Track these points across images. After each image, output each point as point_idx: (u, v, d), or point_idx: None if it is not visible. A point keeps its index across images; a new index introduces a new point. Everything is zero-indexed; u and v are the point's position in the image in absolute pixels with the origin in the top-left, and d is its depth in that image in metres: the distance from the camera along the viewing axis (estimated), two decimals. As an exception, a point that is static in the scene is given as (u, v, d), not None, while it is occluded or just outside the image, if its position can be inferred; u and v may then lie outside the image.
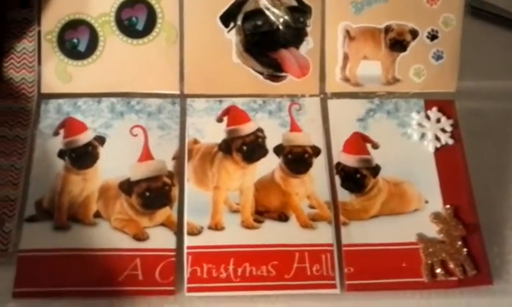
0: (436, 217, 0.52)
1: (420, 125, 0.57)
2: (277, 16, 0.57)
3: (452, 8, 0.58)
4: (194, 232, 0.50)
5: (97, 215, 0.51)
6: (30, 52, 0.56)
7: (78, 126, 0.54)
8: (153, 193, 0.52)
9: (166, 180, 0.52)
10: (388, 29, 0.58)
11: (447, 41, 0.58)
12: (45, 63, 0.57)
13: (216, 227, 0.51)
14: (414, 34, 0.58)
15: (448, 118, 0.57)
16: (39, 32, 0.57)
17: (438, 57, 0.59)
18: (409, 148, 0.56)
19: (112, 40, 0.57)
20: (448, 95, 0.59)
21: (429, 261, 0.50)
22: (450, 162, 0.55)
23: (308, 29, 0.58)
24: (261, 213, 0.52)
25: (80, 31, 0.57)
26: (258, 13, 0.57)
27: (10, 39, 0.56)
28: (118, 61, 0.57)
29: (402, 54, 0.58)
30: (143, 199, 0.51)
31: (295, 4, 0.58)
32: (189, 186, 0.53)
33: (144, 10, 0.57)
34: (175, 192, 0.52)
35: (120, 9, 0.57)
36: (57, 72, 0.57)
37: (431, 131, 0.56)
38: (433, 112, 0.58)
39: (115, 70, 0.57)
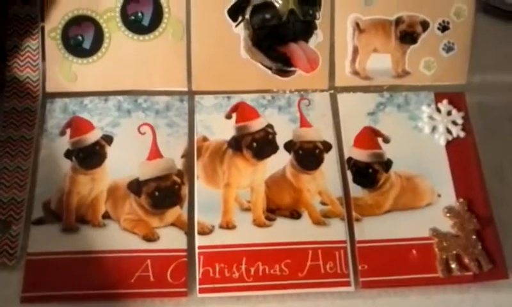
0: (450, 211, 0.47)
1: (431, 117, 0.52)
2: (286, 9, 0.52)
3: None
4: (205, 231, 0.46)
5: (106, 216, 0.46)
6: (34, 50, 0.51)
7: (85, 126, 0.49)
8: (163, 192, 0.47)
9: (176, 178, 0.47)
10: (398, 21, 0.53)
11: (458, 32, 0.53)
12: (50, 61, 0.52)
13: (227, 226, 0.46)
14: (425, 25, 0.53)
15: (459, 110, 0.52)
16: (42, 29, 0.51)
17: (449, 48, 0.54)
18: (421, 141, 0.51)
19: (117, 36, 0.52)
20: (458, 87, 0.54)
21: (444, 256, 0.45)
22: (462, 155, 0.50)
23: (318, 22, 0.53)
24: (273, 211, 0.47)
25: (85, 27, 0.51)
26: (267, 6, 0.52)
27: (13, 37, 0.51)
28: (124, 57, 0.52)
29: (412, 46, 0.53)
30: (153, 199, 0.46)
31: None
32: (199, 184, 0.48)
33: (150, 5, 0.52)
34: (185, 191, 0.47)
35: (126, 4, 0.52)
36: (62, 70, 0.52)
37: (442, 124, 0.51)
38: (444, 105, 0.53)
39: (121, 67, 0.52)
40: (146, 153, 0.48)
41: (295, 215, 0.47)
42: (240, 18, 0.52)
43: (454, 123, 0.52)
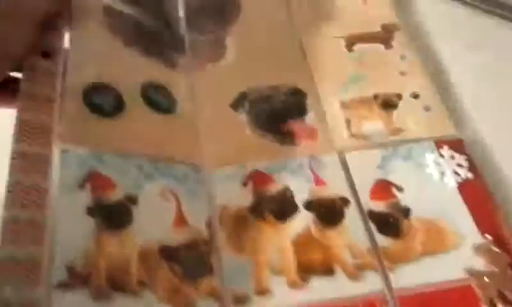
0: (479, 249, 0.47)
1: (436, 163, 0.54)
2: (278, 99, 0.58)
3: (420, 77, 0.61)
4: (241, 300, 0.43)
5: (140, 282, 0.42)
6: (50, 100, 0.46)
7: (106, 182, 0.45)
8: (193, 261, 0.45)
9: (203, 247, 0.45)
10: (376, 96, 0.59)
11: (429, 98, 0.59)
12: (66, 113, 0.47)
13: (263, 292, 0.44)
14: (399, 96, 0.59)
15: (461, 154, 0.54)
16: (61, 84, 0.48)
17: (427, 108, 0.58)
18: (433, 186, 0.52)
19: (137, 106, 0.52)
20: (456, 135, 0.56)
21: (487, 295, 0.44)
22: (475, 195, 0.51)
23: (308, 106, 0.58)
24: (306, 271, 0.46)
25: (106, 91, 0.50)
26: (262, 98, 0.58)
27: (27, 82, 0.46)
28: (142, 126, 0.51)
29: (395, 111, 0.58)
30: (184, 268, 0.44)
31: (291, 90, 0.59)
32: (226, 252, 0.46)
33: (166, 94, 0.55)
34: (213, 259, 0.45)
35: (145, 87, 0.53)
36: (80, 125, 0.48)
37: (448, 168, 0.53)
38: (445, 151, 0.55)
39: (140, 133, 0.50)
40: (171, 218, 0.46)
41: (328, 272, 0.46)
42: (241, 109, 0.57)
43: (460, 165, 0.53)
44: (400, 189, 0.52)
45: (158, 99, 0.54)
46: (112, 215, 0.43)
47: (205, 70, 0.60)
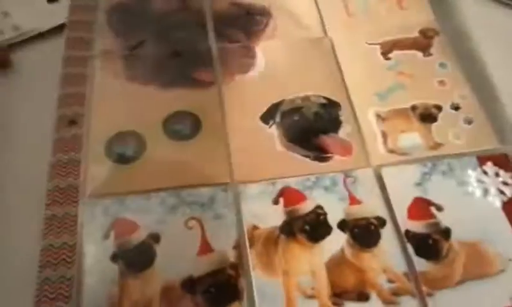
0: (526, 274, 0.44)
1: (479, 181, 0.51)
2: (311, 112, 0.56)
3: (461, 86, 0.59)
4: (272, 325, 0.42)
5: None
6: (76, 161, 0.51)
7: (129, 226, 0.47)
8: (219, 288, 0.44)
9: (230, 271, 0.44)
10: (414, 108, 0.57)
11: (471, 109, 0.56)
12: (91, 168, 0.51)
13: (293, 317, 0.42)
14: (438, 108, 0.57)
15: (506, 171, 0.51)
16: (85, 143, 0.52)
17: (469, 121, 0.56)
18: (475, 205, 0.49)
19: (159, 143, 0.53)
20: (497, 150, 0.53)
21: (535, 325, 0.41)
22: (522, 215, 0.48)
23: (342, 118, 0.56)
24: (339, 295, 0.44)
25: (127, 140, 0.52)
26: (294, 110, 0.56)
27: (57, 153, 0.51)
28: (165, 159, 0.52)
29: (434, 124, 0.56)
30: (209, 297, 0.43)
31: (324, 101, 0.57)
32: (256, 275, 0.45)
33: (189, 119, 0.55)
34: (242, 283, 0.44)
35: (167, 120, 0.54)
36: (102, 176, 0.50)
37: (492, 186, 0.50)
38: (489, 167, 0.52)
39: (162, 167, 0.51)
40: (196, 249, 0.46)
41: (363, 297, 0.44)
42: (271, 122, 0.55)
43: (505, 183, 0.51)
44: (440, 208, 0.49)
45: (179, 128, 0.54)
46: (136, 257, 0.45)
47: (234, 82, 0.59)
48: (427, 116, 0.56)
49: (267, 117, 0.56)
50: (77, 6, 0.64)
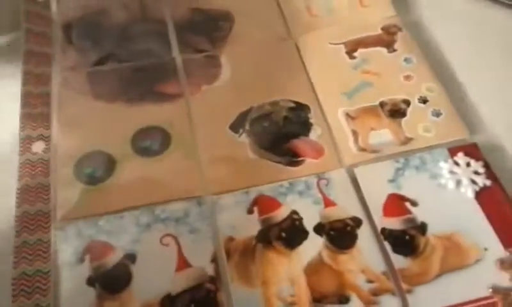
0: (503, 263, 0.45)
1: (452, 172, 0.52)
2: (280, 117, 0.56)
3: (428, 80, 0.59)
4: (254, 337, 0.42)
5: None
6: (46, 185, 0.50)
7: (104, 248, 0.46)
8: (199, 304, 0.43)
9: (209, 286, 0.44)
10: (382, 104, 0.58)
11: (438, 101, 0.57)
12: (60, 191, 0.50)
13: (275, 326, 0.42)
14: (407, 103, 0.58)
15: (477, 160, 0.52)
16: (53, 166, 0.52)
17: (437, 114, 0.57)
18: (449, 198, 0.50)
19: (129, 162, 0.52)
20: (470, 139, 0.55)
21: (514, 312, 0.42)
22: (494, 204, 0.49)
23: (312, 121, 0.56)
24: (319, 301, 0.44)
25: (96, 160, 0.52)
26: (263, 116, 0.56)
27: (23, 177, 0.51)
28: (136, 177, 0.51)
29: (404, 119, 0.56)
30: (189, 313, 0.43)
31: (293, 105, 0.57)
32: (235, 287, 0.45)
33: (158, 134, 0.54)
34: (221, 297, 0.44)
35: (135, 136, 0.54)
36: (73, 198, 0.50)
37: (464, 176, 0.51)
38: (460, 158, 0.53)
39: (134, 185, 0.51)
40: (173, 265, 0.45)
41: (343, 300, 0.44)
42: (241, 130, 0.55)
43: (477, 173, 0.52)
44: (414, 204, 0.50)
45: (148, 144, 0.53)
46: (112, 279, 0.44)
47: (201, 92, 0.59)
48: (396, 112, 0.57)
49: (236, 126, 0.56)
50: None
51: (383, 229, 0.48)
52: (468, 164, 0.52)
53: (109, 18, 0.64)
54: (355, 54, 0.63)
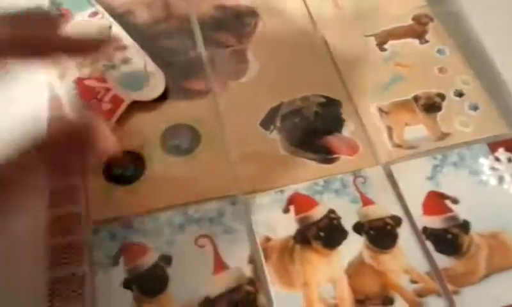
0: (552, 261, 0.44)
1: (493, 168, 0.50)
2: (311, 112, 0.55)
3: (463, 72, 0.58)
4: (297, 341, 0.41)
5: None
6: (75, 186, 0.49)
7: (139, 250, 0.45)
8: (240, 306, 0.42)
9: (248, 288, 0.43)
10: (416, 98, 0.56)
11: (475, 94, 0.56)
12: (91, 192, 0.49)
13: (317, 329, 0.41)
14: (441, 96, 0.56)
15: (519, 155, 0.51)
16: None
17: (475, 107, 0.55)
18: (491, 195, 0.49)
19: (158, 160, 0.52)
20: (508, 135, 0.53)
21: None
22: (540, 199, 0.48)
23: (344, 116, 0.55)
24: (362, 302, 0.43)
25: (126, 160, 0.51)
26: (294, 112, 0.55)
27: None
28: (167, 176, 0.50)
29: (439, 113, 0.55)
30: (229, 316, 0.42)
31: (324, 100, 0.56)
32: (275, 289, 0.44)
33: (187, 132, 0.53)
34: (262, 299, 0.43)
35: (164, 135, 0.53)
36: (105, 200, 0.49)
37: (507, 172, 0.50)
38: (501, 154, 0.51)
39: (166, 185, 0.50)
40: (210, 267, 0.44)
41: (387, 301, 0.43)
42: (272, 127, 0.54)
43: (519, 169, 0.50)
44: (455, 201, 0.49)
45: (177, 142, 0.53)
46: (149, 281, 0.44)
47: (228, 89, 0.58)
48: (431, 106, 0.56)
49: (267, 122, 0.55)
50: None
51: (425, 228, 0.47)
52: (509, 160, 0.51)
53: (132, 17, 0.63)
54: (386, 46, 0.62)
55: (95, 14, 0.61)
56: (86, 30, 0.61)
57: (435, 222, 0.47)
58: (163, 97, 0.56)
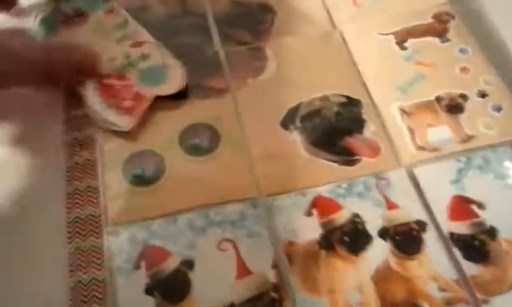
0: None
1: (519, 173, 0.50)
2: (332, 112, 0.54)
3: (485, 72, 0.57)
4: (326, 349, 0.40)
5: None
6: (94, 188, 0.48)
7: (160, 254, 0.44)
8: (264, 315, 0.41)
9: (273, 294, 0.43)
10: (438, 99, 0.55)
11: (498, 95, 0.55)
12: (110, 195, 0.48)
13: (346, 338, 0.41)
14: (464, 97, 0.55)
15: (545, 159, 0.50)
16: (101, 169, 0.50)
17: (498, 108, 0.54)
18: (519, 199, 0.48)
19: (177, 160, 0.51)
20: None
21: None
22: None
23: (365, 117, 0.54)
24: (389, 310, 0.42)
25: (145, 160, 0.50)
26: (314, 112, 0.54)
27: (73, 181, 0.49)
28: (187, 177, 0.49)
29: (462, 115, 0.54)
30: (254, 324, 0.41)
31: (344, 100, 0.55)
32: (300, 296, 0.43)
33: (207, 131, 0.52)
34: (287, 306, 0.42)
35: (182, 135, 0.52)
36: (124, 202, 0.48)
37: (534, 176, 0.49)
38: (527, 156, 0.51)
39: (185, 187, 0.49)
40: (233, 272, 0.44)
41: (416, 309, 0.42)
42: (292, 127, 0.53)
43: (546, 173, 0.50)
44: (481, 206, 0.48)
45: (197, 141, 0.52)
46: (171, 287, 0.43)
47: (247, 86, 0.57)
48: (454, 107, 0.55)
49: (286, 122, 0.54)
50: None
51: (451, 234, 0.46)
52: (536, 164, 0.50)
53: (149, 12, 0.62)
54: (406, 44, 0.60)
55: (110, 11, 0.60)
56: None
57: (461, 227, 0.47)
58: (184, 95, 0.55)
